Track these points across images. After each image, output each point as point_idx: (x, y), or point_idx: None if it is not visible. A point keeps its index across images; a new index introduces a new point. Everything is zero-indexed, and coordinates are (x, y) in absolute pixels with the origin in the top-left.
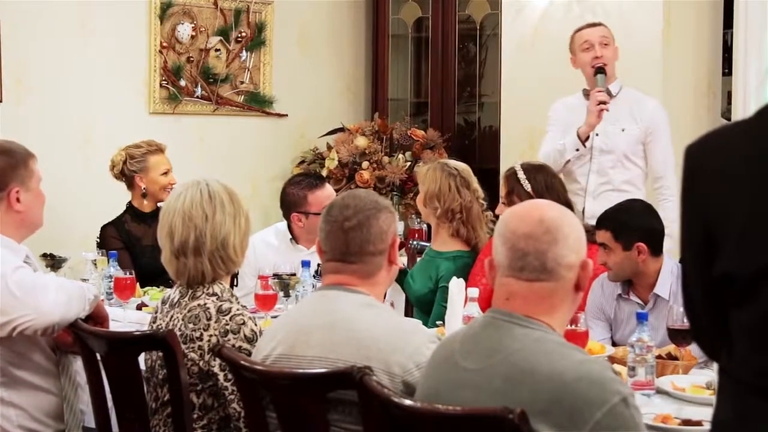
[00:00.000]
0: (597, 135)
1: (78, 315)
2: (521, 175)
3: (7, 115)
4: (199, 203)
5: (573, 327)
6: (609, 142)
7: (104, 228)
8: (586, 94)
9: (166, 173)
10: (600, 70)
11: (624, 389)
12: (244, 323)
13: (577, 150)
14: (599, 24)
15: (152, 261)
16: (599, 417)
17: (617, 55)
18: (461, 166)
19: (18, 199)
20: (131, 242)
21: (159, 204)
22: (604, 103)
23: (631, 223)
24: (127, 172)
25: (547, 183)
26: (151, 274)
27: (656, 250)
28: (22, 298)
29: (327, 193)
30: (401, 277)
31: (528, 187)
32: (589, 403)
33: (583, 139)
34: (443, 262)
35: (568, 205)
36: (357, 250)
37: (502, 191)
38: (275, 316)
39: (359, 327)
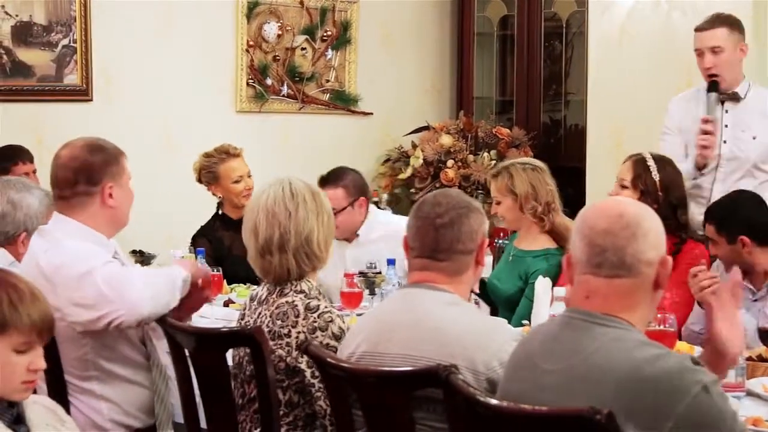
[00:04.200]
0: (725, 142)
1: (169, 305)
2: (651, 163)
3: (96, 114)
4: (281, 200)
5: (661, 327)
6: (738, 150)
7: (195, 238)
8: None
9: (238, 181)
10: (711, 87)
11: (705, 377)
12: (332, 320)
13: (695, 179)
14: (711, 26)
15: (242, 269)
16: (682, 409)
17: (737, 56)
18: (534, 160)
19: (111, 195)
20: (221, 251)
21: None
22: (709, 133)
23: (734, 217)
24: (203, 182)
25: (674, 177)
26: (243, 281)
27: (763, 241)
28: (110, 293)
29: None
30: None
31: (657, 176)
32: (670, 397)
33: (700, 168)
34: (534, 261)
35: (685, 205)
36: (447, 247)
37: (627, 176)
38: (360, 314)
39: (443, 324)
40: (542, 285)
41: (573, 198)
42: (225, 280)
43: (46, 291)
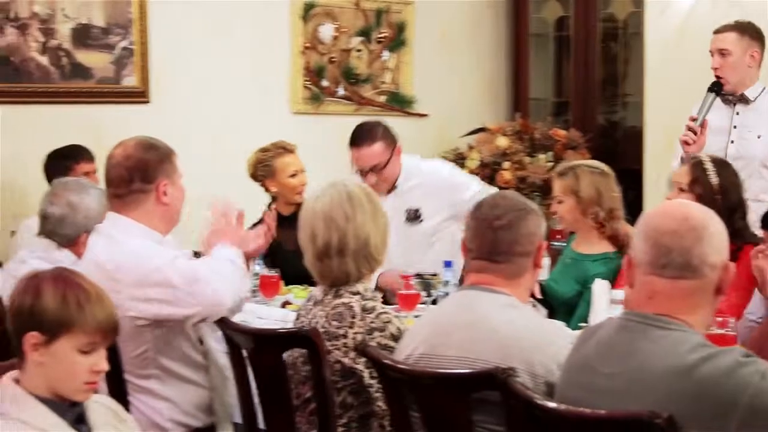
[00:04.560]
0: (732, 142)
1: (244, 291)
2: (709, 166)
3: (154, 115)
4: (338, 204)
5: (722, 331)
6: (743, 150)
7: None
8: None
9: (294, 175)
10: (713, 87)
11: (761, 365)
12: (389, 321)
13: (682, 159)
14: (724, 29)
15: (295, 265)
16: (746, 401)
17: (746, 61)
18: (601, 164)
19: (165, 192)
20: (274, 246)
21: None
22: (692, 131)
23: None
24: (258, 176)
25: (732, 180)
26: (294, 277)
27: None
28: (190, 289)
29: None
30: None
31: (715, 180)
32: (731, 394)
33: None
34: (592, 265)
35: (744, 209)
36: (505, 249)
37: (684, 179)
38: (417, 316)
39: (500, 327)
40: (600, 288)
41: (630, 201)
42: (282, 281)
43: (108, 290)
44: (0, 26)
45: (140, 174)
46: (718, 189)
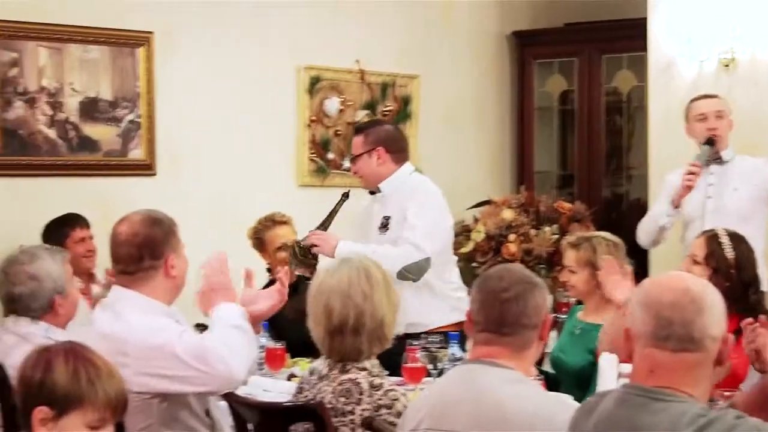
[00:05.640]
0: (709, 198)
1: (254, 357)
2: (724, 240)
3: (161, 188)
4: (357, 282)
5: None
6: (720, 204)
7: None
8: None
9: (281, 248)
10: (709, 141)
11: (752, 421)
12: (397, 399)
13: (669, 215)
14: (715, 96)
15: (296, 334)
16: None
17: (731, 127)
18: (613, 236)
19: (172, 266)
20: (275, 316)
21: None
22: (694, 174)
23: None
24: (256, 247)
25: (748, 255)
26: (295, 345)
27: None
28: (199, 367)
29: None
30: None
31: (730, 254)
32: None
33: (675, 206)
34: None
35: (758, 284)
36: (513, 321)
37: (700, 252)
38: (423, 389)
39: (506, 402)
40: (607, 361)
41: (636, 273)
42: (288, 353)
43: (116, 364)
44: (8, 99)
45: (149, 251)
46: (734, 263)
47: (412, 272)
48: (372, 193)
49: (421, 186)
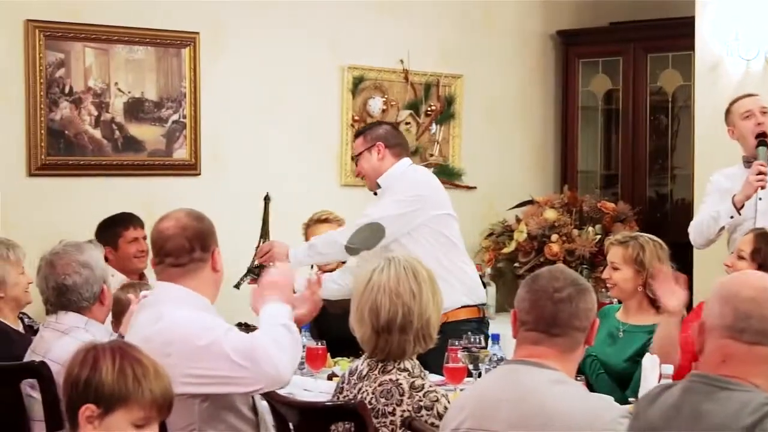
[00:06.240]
0: (760, 199)
1: (299, 357)
2: None
3: (204, 188)
4: (405, 280)
5: None
6: None
7: None
8: (747, 162)
9: None
10: (762, 142)
11: None
12: (437, 400)
13: (731, 217)
14: (756, 94)
15: (339, 330)
16: None
17: None
18: (658, 239)
19: (218, 260)
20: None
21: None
22: (764, 174)
23: None
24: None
25: None
26: (338, 341)
27: None
28: (247, 366)
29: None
30: None
31: None
32: None
33: (738, 207)
34: (644, 336)
35: None
36: (564, 322)
37: (747, 248)
38: (463, 390)
39: (550, 403)
40: (650, 362)
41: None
42: (329, 353)
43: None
44: (55, 100)
45: (200, 243)
46: None
47: (356, 242)
48: (376, 194)
49: (410, 174)
